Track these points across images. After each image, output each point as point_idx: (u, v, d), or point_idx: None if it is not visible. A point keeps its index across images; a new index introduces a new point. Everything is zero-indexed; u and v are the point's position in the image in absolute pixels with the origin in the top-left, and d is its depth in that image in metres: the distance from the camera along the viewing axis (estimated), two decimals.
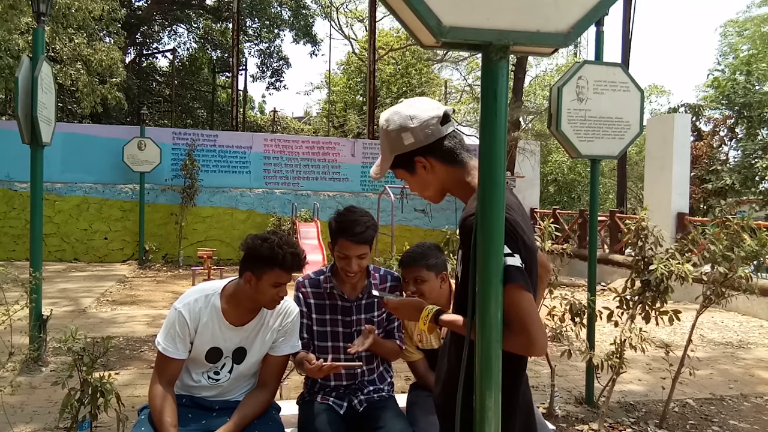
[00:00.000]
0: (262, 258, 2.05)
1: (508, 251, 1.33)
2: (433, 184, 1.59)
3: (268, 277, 2.06)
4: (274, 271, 2.05)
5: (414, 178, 1.60)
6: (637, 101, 4.18)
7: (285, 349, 2.27)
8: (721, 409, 4.22)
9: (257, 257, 2.06)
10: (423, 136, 1.53)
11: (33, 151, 4.83)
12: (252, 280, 2.08)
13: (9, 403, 3.46)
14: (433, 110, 1.54)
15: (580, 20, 1.09)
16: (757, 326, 7.35)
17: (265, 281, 2.06)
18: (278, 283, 2.08)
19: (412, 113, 1.54)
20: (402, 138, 1.53)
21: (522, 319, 1.32)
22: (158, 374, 2.12)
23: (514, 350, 1.36)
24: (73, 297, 7.98)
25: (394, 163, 1.59)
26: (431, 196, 1.64)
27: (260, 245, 2.06)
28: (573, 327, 3.61)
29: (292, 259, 2.06)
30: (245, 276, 2.09)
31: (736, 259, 3.40)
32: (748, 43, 21.63)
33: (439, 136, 1.54)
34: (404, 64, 26.65)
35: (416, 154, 1.54)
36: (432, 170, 1.56)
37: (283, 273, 2.07)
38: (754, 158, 15.31)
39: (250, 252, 2.09)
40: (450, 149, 1.56)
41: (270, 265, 2.05)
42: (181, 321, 2.12)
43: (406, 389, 2.82)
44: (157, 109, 24.29)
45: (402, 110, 1.56)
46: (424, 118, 1.53)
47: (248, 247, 2.09)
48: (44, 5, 4.90)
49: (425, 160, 1.55)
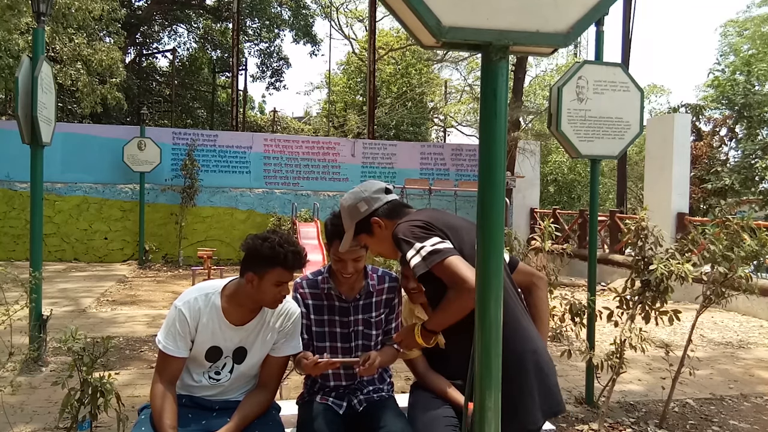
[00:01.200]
0: (264, 258, 2.05)
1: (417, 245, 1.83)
2: (387, 239, 2.00)
3: (270, 277, 2.06)
4: (275, 270, 2.05)
5: (373, 239, 2.06)
6: (637, 101, 4.18)
7: (286, 350, 2.27)
8: (721, 409, 4.22)
9: (258, 257, 2.06)
10: (373, 201, 2.03)
11: (33, 151, 4.83)
12: (254, 280, 2.07)
13: (9, 403, 3.46)
14: (377, 185, 2.07)
15: (580, 20, 1.09)
16: (757, 326, 7.35)
17: (267, 281, 2.06)
18: (280, 282, 2.08)
19: (362, 189, 2.07)
20: (358, 207, 2.03)
21: (453, 276, 1.75)
22: (159, 373, 2.12)
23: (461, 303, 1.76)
24: (73, 297, 7.98)
25: (356, 231, 2.04)
26: (386, 252, 2.10)
27: (261, 245, 2.06)
28: (573, 327, 3.61)
29: (293, 258, 2.06)
30: (247, 276, 2.09)
31: (736, 259, 3.40)
32: (748, 43, 21.63)
33: (385, 200, 2.05)
34: (404, 64, 26.64)
35: (371, 217, 2.02)
36: (385, 227, 2.01)
37: (284, 272, 2.07)
38: (753, 158, 15.29)
39: (251, 252, 2.08)
40: (393, 206, 2.05)
41: (271, 264, 2.05)
42: (182, 319, 2.12)
43: (406, 389, 2.83)
44: (157, 109, 24.28)
45: (354, 190, 2.08)
46: (372, 190, 2.05)
47: (249, 247, 2.09)
48: (44, 5, 4.90)
49: (379, 219, 2.02)
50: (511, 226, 12.42)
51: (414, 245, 1.82)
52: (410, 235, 1.85)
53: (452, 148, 14.40)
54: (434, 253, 1.78)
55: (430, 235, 1.84)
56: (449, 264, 1.75)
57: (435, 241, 1.81)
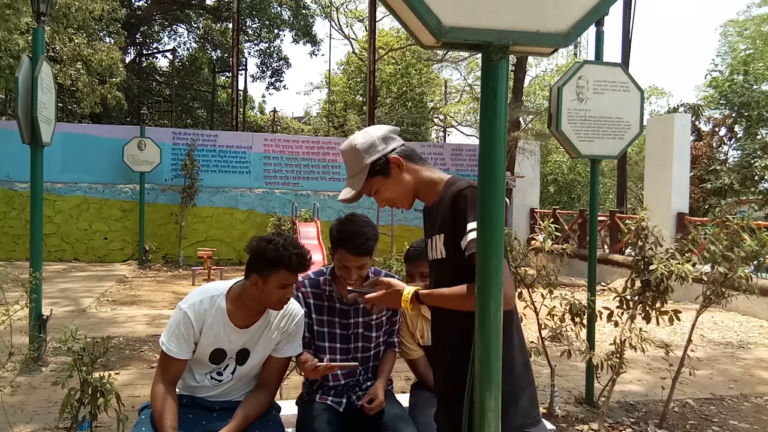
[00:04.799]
0: (268, 260, 2.05)
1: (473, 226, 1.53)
2: (404, 184, 1.79)
3: (274, 279, 2.06)
4: (280, 272, 2.05)
5: (389, 181, 1.79)
6: (637, 101, 4.18)
7: (287, 351, 2.27)
8: (721, 409, 4.22)
9: (263, 259, 2.06)
10: (390, 140, 1.80)
11: (33, 151, 4.83)
12: (258, 282, 2.07)
13: (9, 403, 3.46)
14: (389, 126, 1.85)
15: (580, 20, 1.09)
16: (757, 326, 7.35)
17: (272, 283, 2.06)
18: (284, 285, 2.08)
19: (374, 129, 1.82)
20: (375, 145, 1.78)
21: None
22: (161, 374, 2.12)
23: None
24: (73, 297, 7.98)
25: (370, 172, 1.77)
26: (404, 199, 1.82)
27: (265, 247, 2.06)
28: (573, 327, 3.61)
29: (297, 261, 2.06)
30: (251, 278, 2.09)
31: (736, 259, 3.40)
32: (745, 43, 21.63)
33: (401, 142, 1.83)
34: (404, 64, 26.65)
35: (389, 154, 1.77)
36: (404, 168, 1.78)
37: (289, 274, 2.07)
38: (753, 158, 15.29)
39: (255, 254, 2.08)
40: (411, 150, 1.83)
41: (276, 266, 2.04)
42: (186, 322, 2.12)
43: (406, 389, 2.83)
44: (157, 109, 24.29)
45: (364, 131, 1.82)
46: (385, 130, 1.82)
47: (253, 250, 2.09)
48: (44, 5, 4.90)
49: (399, 158, 1.77)
50: (511, 226, 12.42)
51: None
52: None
53: (452, 148, 14.40)
54: None
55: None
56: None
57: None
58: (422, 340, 2.61)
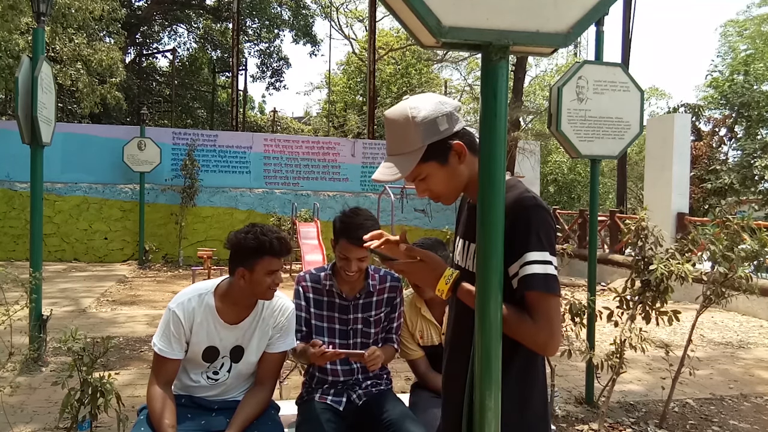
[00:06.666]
0: (250, 249, 2.06)
1: (548, 258, 1.34)
2: (458, 177, 1.46)
3: (260, 267, 2.07)
4: (264, 259, 2.07)
5: (444, 170, 1.44)
6: (637, 101, 4.18)
7: (281, 346, 2.28)
8: (721, 409, 4.22)
9: (245, 250, 2.08)
10: (454, 122, 1.42)
11: (33, 151, 4.83)
12: (245, 275, 2.09)
13: (9, 403, 3.46)
14: (453, 101, 1.46)
15: (580, 20, 1.09)
16: (757, 326, 7.35)
17: (258, 272, 2.07)
18: (271, 271, 2.09)
19: (438, 104, 1.41)
20: (437, 123, 1.40)
21: (551, 319, 1.33)
22: (155, 375, 2.13)
23: (530, 341, 1.36)
24: (73, 297, 7.98)
25: (426, 155, 1.41)
26: (450, 193, 1.49)
27: (244, 238, 2.08)
28: (573, 327, 3.60)
29: (279, 244, 2.08)
30: (237, 272, 2.10)
31: (736, 259, 3.40)
32: (746, 43, 21.64)
33: (464, 124, 1.46)
34: (404, 64, 26.66)
35: (452, 139, 1.42)
36: (464, 159, 1.44)
37: (273, 259, 2.08)
38: (753, 158, 15.30)
39: (236, 247, 2.10)
40: (474, 137, 1.45)
41: (259, 254, 2.06)
42: (176, 321, 2.13)
43: (406, 389, 2.83)
44: (157, 109, 24.30)
45: (423, 98, 1.43)
46: (451, 107, 1.43)
47: (234, 244, 2.11)
48: (44, 5, 4.90)
49: (462, 146, 1.42)
50: None
51: (546, 252, 1.34)
52: (548, 236, 1.37)
53: None
54: (555, 280, 1.35)
55: (555, 249, 1.39)
56: (555, 304, 1.35)
57: (556, 263, 1.37)
58: (422, 341, 2.61)
